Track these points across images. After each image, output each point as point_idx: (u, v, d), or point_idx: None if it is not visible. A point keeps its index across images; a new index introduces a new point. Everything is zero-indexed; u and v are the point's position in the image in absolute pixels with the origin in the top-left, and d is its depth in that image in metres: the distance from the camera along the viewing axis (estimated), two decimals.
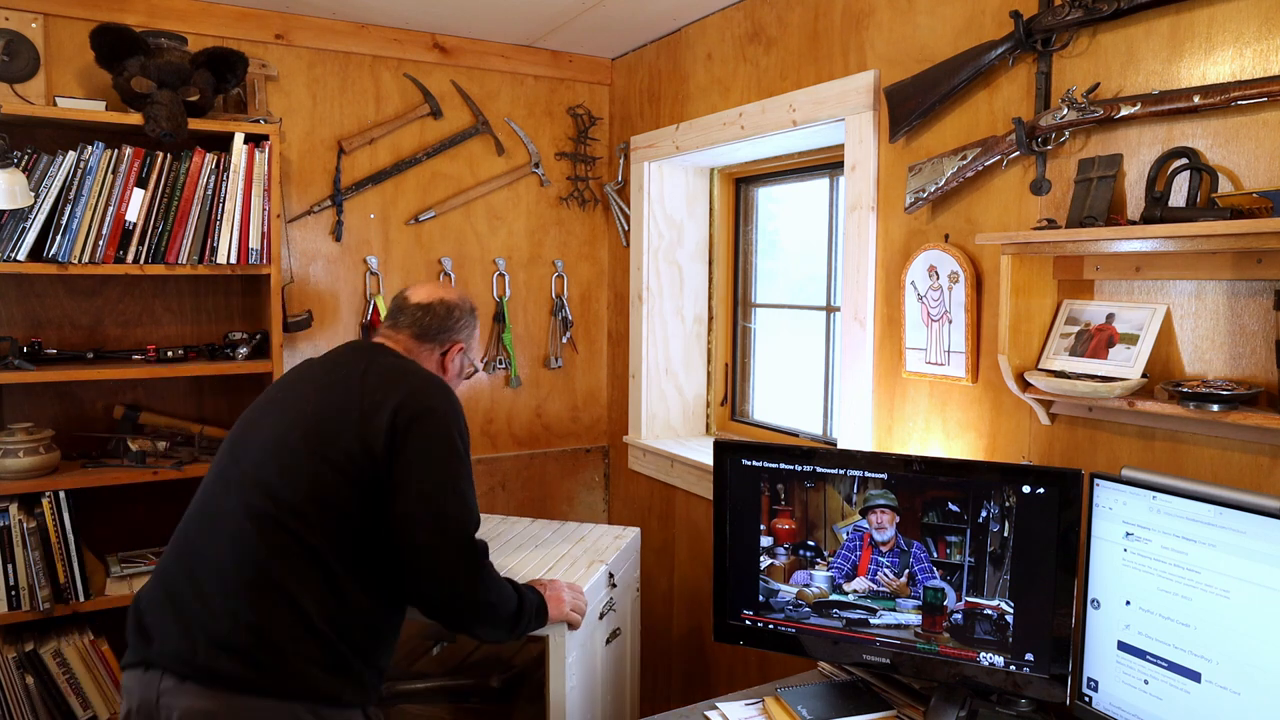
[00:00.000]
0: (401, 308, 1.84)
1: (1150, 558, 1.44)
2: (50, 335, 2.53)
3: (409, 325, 1.81)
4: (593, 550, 2.17)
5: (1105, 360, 1.58)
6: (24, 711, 2.28)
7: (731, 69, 2.64)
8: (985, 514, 1.62)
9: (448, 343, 1.83)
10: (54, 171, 2.26)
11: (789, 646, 1.84)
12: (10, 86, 2.37)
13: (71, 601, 2.33)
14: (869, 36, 2.15)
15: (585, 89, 3.29)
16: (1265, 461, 1.42)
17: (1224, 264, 1.46)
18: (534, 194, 3.22)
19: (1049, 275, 1.69)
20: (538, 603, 1.73)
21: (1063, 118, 1.64)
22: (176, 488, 2.63)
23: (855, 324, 2.19)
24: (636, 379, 3.14)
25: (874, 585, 1.75)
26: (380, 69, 2.93)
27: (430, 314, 1.81)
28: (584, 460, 3.40)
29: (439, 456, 1.59)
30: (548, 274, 3.28)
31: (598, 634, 2.04)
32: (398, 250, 3.01)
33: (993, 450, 1.87)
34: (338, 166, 2.88)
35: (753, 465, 1.84)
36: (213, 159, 2.43)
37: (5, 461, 2.27)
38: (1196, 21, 1.50)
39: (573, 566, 2.04)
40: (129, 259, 2.36)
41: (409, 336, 1.81)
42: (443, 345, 1.83)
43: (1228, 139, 1.46)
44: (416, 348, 1.80)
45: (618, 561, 2.16)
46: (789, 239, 3.00)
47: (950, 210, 1.95)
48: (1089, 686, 1.55)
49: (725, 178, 3.09)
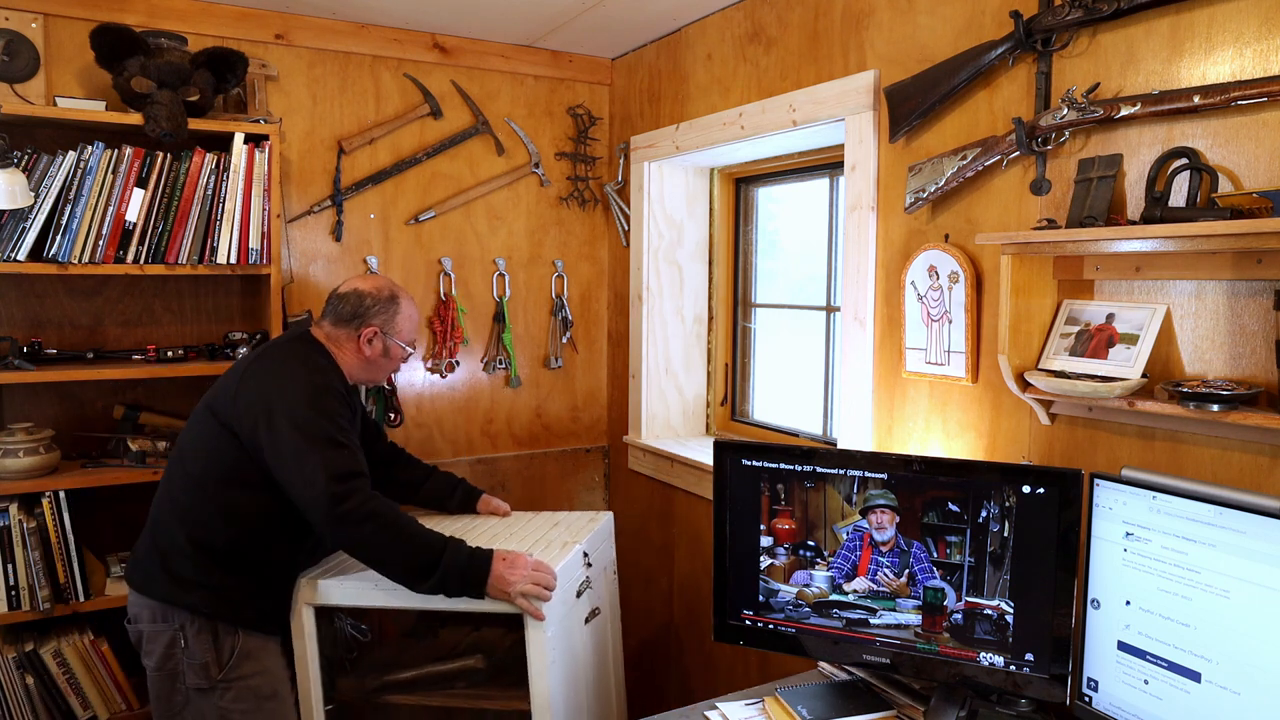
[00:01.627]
0: (328, 299, 2.11)
1: (1150, 558, 1.44)
2: (50, 335, 2.53)
3: (329, 314, 2.08)
4: (567, 532, 2.20)
5: (1105, 360, 1.58)
6: (24, 711, 2.28)
7: (731, 69, 2.64)
8: (985, 514, 1.62)
9: (361, 326, 2.05)
10: (54, 171, 2.26)
11: (789, 646, 1.84)
12: (10, 86, 2.37)
13: (71, 601, 2.33)
14: (869, 36, 2.15)
15: (585, 89, 3.29)
16: (1265, 461, 1.42)
17: (1224, 264, 1.46)
18: (534, 194, 3.22)
19: (1049, 275, 1.69)
20: (462, 565, 1.83)
21: (1063, 118, 1.64)
22: None
23: (855, 324, 2.19)
24: (636, 379, 3.14)
25: (874, 585, 1.75)
26: (380, 69, 2.93)
27: (344, 302, 2.06)
28: (584, 460, 3.40)
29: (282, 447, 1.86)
30: (548, 274, 3.28)
31: (575, 612, 2.07)
32: (398, 250, 3.01)
33: (993, 450, 1.87)
34: (338, 166, 2.88)
35: (753, 465, 1.84)
36: (213, 159, 2.43)
37: (5, 461, 2.27)
38: (1196, 21, 1.50)
39: (548, 548, 2.06)
40: (129, 259, 2.36)
41: (329, 324, 2.07)
42: (356, 329, 2.05)
43: (1228, 139, 1.46)
44: (335, 333, 2.06)
45: (592, 541, 2.18)
46: (789, 239, 3.00)
47: (950, 210, 1.95)
48: (1089, 686, 1.55)
49: (725, 178, 3.09)
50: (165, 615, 1.91)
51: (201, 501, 1.91)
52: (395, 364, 2.15)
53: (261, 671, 1.96)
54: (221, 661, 1.92)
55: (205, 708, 1.91)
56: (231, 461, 1.90)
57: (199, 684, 1.91)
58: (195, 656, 1.90)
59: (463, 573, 1.82)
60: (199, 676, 1.90)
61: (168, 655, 1.91)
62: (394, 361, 2.14)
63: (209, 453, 1.92)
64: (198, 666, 1.90)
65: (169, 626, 1.90)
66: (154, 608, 1.92)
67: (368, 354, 2.07)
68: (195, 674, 1.90)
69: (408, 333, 2.13)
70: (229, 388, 1.95)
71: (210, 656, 1.90)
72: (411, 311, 2.15)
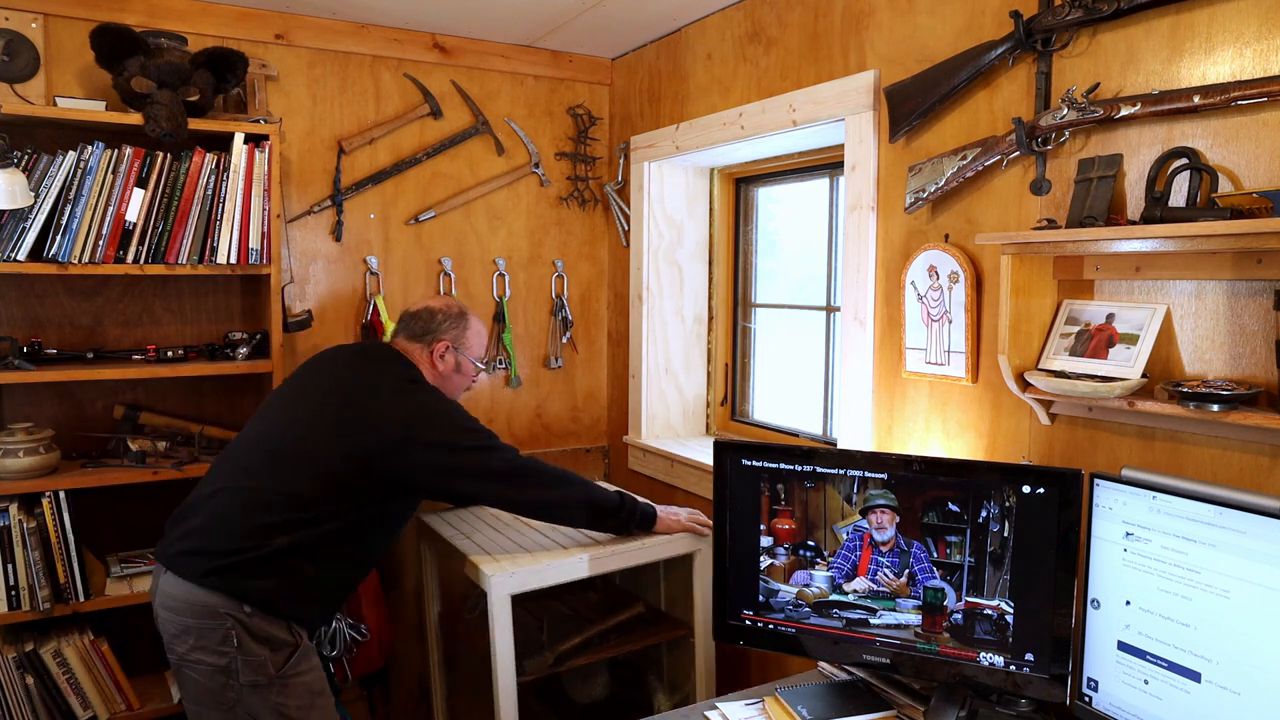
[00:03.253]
0: (400, 317, 2.29)
1: (1150, 558, 1.44)
2: (50, 335, 2.53)
3: (402, 331, 2.25)
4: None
5: (1105, 360, 1.58)
6: (24, 711, 2.28)
7: (731, 69, 2.64)
8: (985, 514, 1.62)
9: (433, 342, 2.21)
10: (54, 171, 2.26)
11: (789, 646, 1.84)
12: (10, 86, 2.37)
13: (71, 601, 2.33)
14: (869, 36, 2.15)
15: (585, 89, 3.29)
16: (1265, 461, 1.42)
17: (1224, 264, 1.46)
18: (534, 194, 3.22)
19: (1049, 275, 1.69)
20: (641, 508, 2.23)
21: (1063, 118, 1.64)
22: (176, 488, 2.63)
23: (855, 324, 2.19)
24: (636, 379, 3.14)
25: (874, 585, 1.75)
26: (380, 69, 2.93)
27: (416, 319, 2.24)
28: (584, 460, 3.40)
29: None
30: (548, 274, 3.28)
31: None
32: (398, 250, 3.01)
33: (993, 450, 1.87)
34: (338, 166, 2.88)
35: (753, 465, 1.84)
36: (213, 159, 2.43)
37: (5, 461, 2.27)
38: (1196, 21, 1.50)
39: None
40: (129, 259, 2.36)
41: (404, 339, 2.23)
42: (429, 344, 2.21)
43: (1228, 139, 1.46)
44: (409, 346, 2.21)
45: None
46: (789, 239, 3.00)
47: (950, 210, 1.95)
48: (1089, 686, 1.55)
49: (725, 178, 3.09)
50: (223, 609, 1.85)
51: (303, 503, 1.91)
52: (466, 380, 2.27)
53: (312, 668, 1.97)
54: (278, 659, 1.89)
55: (258, 704, 1.87)
56: (351, 472, 1.94)
57: (255, 680, 1.87)
58: (252, 654, 1.86)
59: (643, 513, 2.22)
60: (256, 673, 1.87)
61: (220, 652, 1.85)
62: (465, 378, 2.26)
63: (324, 462, 1.94)
64: (256, 664, 1.86)
65: (221, 623, 1.85)
66: (209, 600, 1.86)
67: (440, 369, 2.20)
68: (252, 670, 1.86)
69: (477, 349, 2.28)
70: (360, 403, 2.01)
71: (267, 653, 1.88)
72: (480, 329, 2.30)
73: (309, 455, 1.95)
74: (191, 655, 1.87)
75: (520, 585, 2.08)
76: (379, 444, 1.96)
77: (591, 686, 2.60)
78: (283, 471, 1.94)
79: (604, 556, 2.18)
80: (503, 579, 2.06)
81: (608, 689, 2.63)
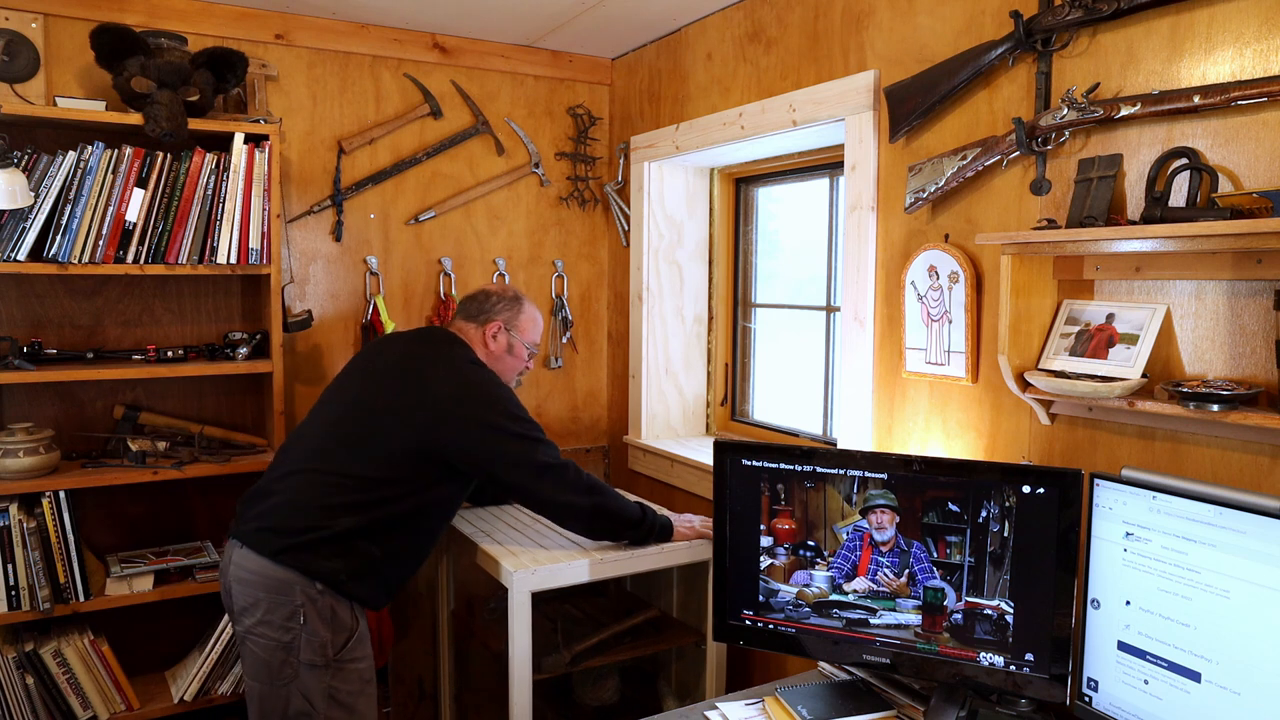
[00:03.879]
0: (460, 301, 2.37)
1: (1150, 558, 1.44)
2: (50, 335, 2.53)
3: (460, 313, 2.31)
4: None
5: (1105, 360, 1.58)
6: (24, 711, 2.29)
7: (731, 69, 2.64)
8: (985, 514, 1.62)
9: (486, 322, 2.26)
10: (54, 171, 2.26)
11: (789, 646, 1.84)
12: (10, 86, 2.37)
13: (71, 601, 2.33)
14: (869, 36, 2.15)
15: (585, 89, 3.29)
16: (1265, 461, 1.42)
17: (1224, 264, 1.46)
18: (534, 194, 3.22)
19: (1049, 275, 1.69)
20: (660, 520, 2.24)
21: (1063, 118, 1.64)
22: (176, 488, 2.64)
23: (855, 324, 2.19)
24: (636, 379, 3.14)
25: (874, 585, 1.75)
26: (380, 69, 2.93)
27: (473, 300, 2.30)
28: (584, 460, 3.40)
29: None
30: (548, 274, 3.28)
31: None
32: (398, 250, 3.01)
33: (993, 450, 1.87)
34: (338, 166, 2.88)
35: (753, 465, 1.84)
36: (213, 159, 2.43)
37: (5, 461, 2.27)
38: (1196, 21, 1.50)
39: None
40: (129, 259, 2.36)
41: (460, 320, 2.29)
42: (482, 324, 2.26)
43: (1228, 139, 1.46)
44: (464, 326, 2.27)
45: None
46: (789, 239, 3.00)
47: (950, 210, 1.95)
48: (1089, 686, 1.55)
49: (725, 178, 3.09)
50: (296, 584, 1.91)
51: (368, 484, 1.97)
52: (520, 363, 2.31)
53: (366, 656, 2.02)
54: (337, 642, 1.95)
55: (314, 684, 1.92)
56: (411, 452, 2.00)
57: (313, 660, 1.92)
58: (316, 633, 1.92)
59: (661, 526, 2.24)
60: (315, 653, 1.92)
61: (286, 628, 1.90)
62: (519, 360, 2.31)
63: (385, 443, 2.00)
64: (317, 644, 1.92)
65: (291, 599, 1.90)
66: (283, 576, 1.91)
67: (492, 348, 2.25)
68: (312, 650, 1.91)
69: (530, 333, 2.31)
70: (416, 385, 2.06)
71: (329, 635, 1.93)
72: (535, 314, 2.34)
73: (372, 437, 2.01)
74: (257, 629, 1.92)
75: (541, 583, 2.09)
76: (432, 419, 2.00)
77: (602, 690, 2.61)
78: (348, 453, 2.00)
79: (623, 559, 2.19)
80: (524, 575, 2.06)
81: (618, 692, 2.63)
